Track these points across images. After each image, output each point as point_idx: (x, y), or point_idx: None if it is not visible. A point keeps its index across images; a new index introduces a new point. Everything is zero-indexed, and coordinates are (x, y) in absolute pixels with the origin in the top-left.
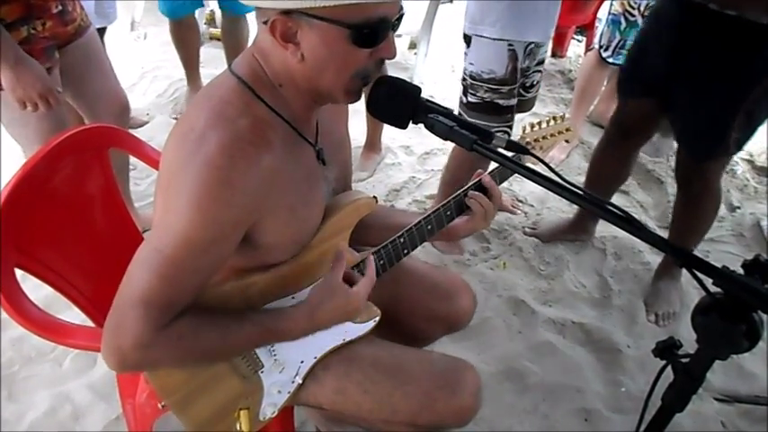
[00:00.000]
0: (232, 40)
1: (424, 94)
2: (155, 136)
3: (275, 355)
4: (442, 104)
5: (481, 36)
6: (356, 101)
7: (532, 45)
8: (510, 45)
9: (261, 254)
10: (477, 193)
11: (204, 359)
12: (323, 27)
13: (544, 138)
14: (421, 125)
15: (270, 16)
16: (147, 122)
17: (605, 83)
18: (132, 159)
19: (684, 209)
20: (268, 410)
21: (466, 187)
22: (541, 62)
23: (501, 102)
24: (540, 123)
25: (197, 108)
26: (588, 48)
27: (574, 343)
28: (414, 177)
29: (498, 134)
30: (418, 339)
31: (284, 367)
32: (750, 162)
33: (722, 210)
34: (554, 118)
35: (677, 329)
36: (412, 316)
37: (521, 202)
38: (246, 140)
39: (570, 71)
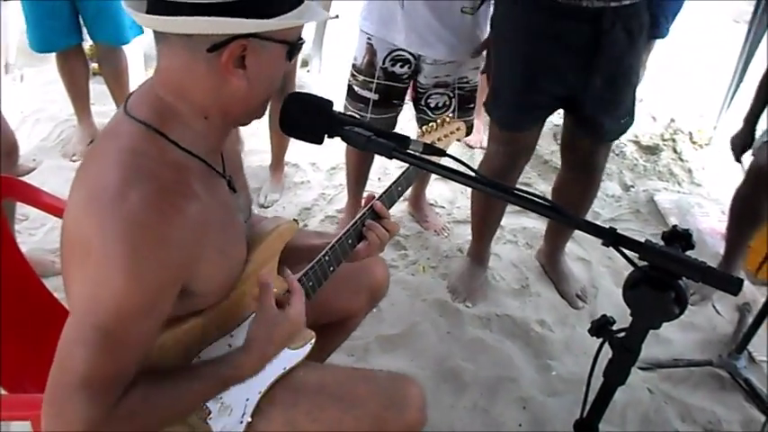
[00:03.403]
0: (111, 71)
1: None
2: (46, 181)
3: (221, 398)
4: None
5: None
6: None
7: (399, 52)
8: (369, 38)
9: (195, 300)
10: (373, 223)
11: (160, 427)
12: (272, 47)
13: (439, 139)
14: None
15: (216, 41)
16: (34, 168)
17: None
18: (23, 209)
19: (581, 191)
20: None
21: (361, 214)
22: (443, 85)
23: (356, 88)
24: (432, 126)
25: (104, 163)
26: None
27: (501, 335)
28: (323, 194)
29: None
30: (349, 317)
31: (231, 409)
32: (636, 143)
33: (617, 190)
34: (444, 119)
35: (593, 307)
36: (337, 300)
37: (432, 205)
38: (173, 192)
39: None
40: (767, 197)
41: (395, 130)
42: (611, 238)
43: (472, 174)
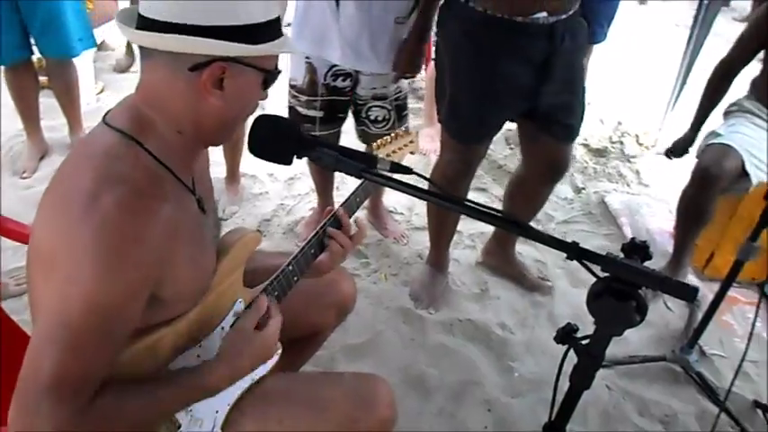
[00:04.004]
0: (61, 85)
1: None
2: None
3: (191, 411)
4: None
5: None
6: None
7: (339, 66)
8: (307, 58)
9: (165, 309)
10: (335, 231)
11: None
12: (249, 73)
13: (394, 152)
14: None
15: (198, 61)
16: None
17: None
18: None
19: (543, 190)
20: None
21: (323, 224)
22: (381, 97)
23: (300, 108)
24: (386, 139)
25: (77, 169)
26: (428, 60)
27: (464, 340)
28: (283, 204)
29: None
30: (317, 333)
31: (202, 421)
32: (586, 146)
33: (569, 192)
34: (397, 133)
35: (551, 308)
36: (307, 316)
37: (391, 212)
38: (146, 194)
39: (413, 81)
40: (712, 197)
41: (340, 143)
42: (575, 252)
43: (438, 191)
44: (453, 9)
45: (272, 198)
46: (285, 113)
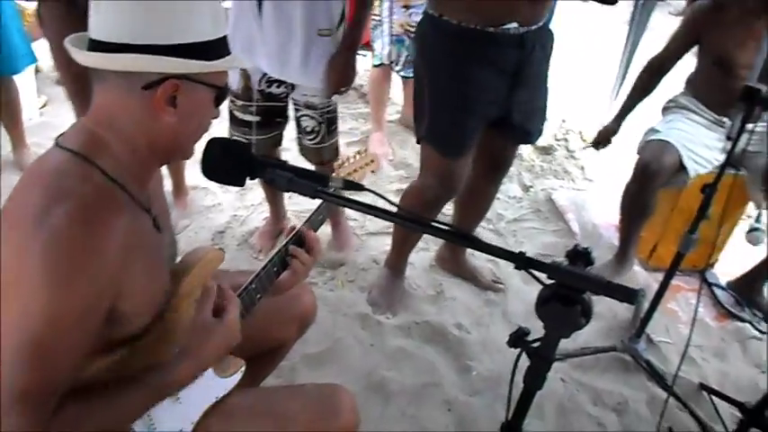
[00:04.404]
0: (3, 102)
1: None
2: None
3: (154, 429)
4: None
5: None
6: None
7: (266, 77)
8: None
9: (122, 326)
10: (297, 249)
11: None
12: (202, 90)
13: (355, 171)
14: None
15: (151, 79)
16: None
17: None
18: None
19: (493, 190)
20: None
21: (286, 242)
22: (311, 107)
23: (237, 113)
24: (347, 159)
25: (27, 187)
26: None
27: (422, 342)
28: (236, 216)
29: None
30: (279, 346)
31: None
32: (532, 144)
33: (518, 191)
34: (358, 152)
35: (505, 306)
36: (268, 331)
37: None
38: (98, 205)
39: (362, 86)
40: (653, 192)
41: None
42: (522, 261)
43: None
44: (429, 24)
45: (225, 209)
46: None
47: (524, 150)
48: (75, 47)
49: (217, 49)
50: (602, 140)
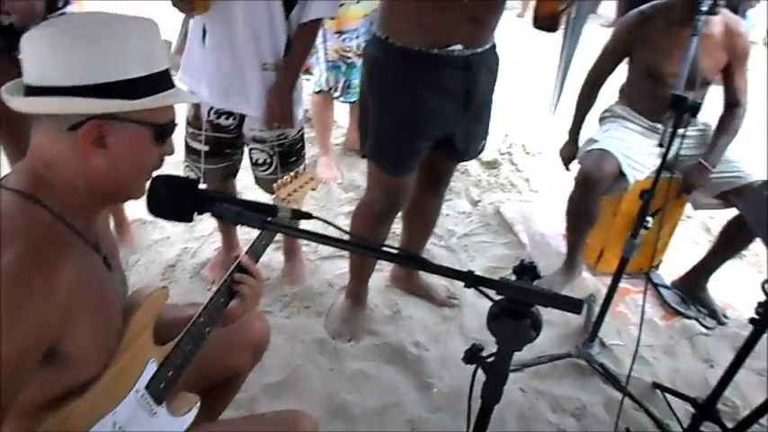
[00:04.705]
0: None
1: None
2: None
3: None
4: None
5: None
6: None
7: (214, 108)
8: (191, 92)
9: (72, 371)
10: (242, 276)
11: None
12: (133, 128)
13: (295, 191)
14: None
15: (74, 121)
16: None
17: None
18: None
19: (437, 204)
20: None
21: (230, 272)
22: (261, 141)
23: (188, 140)
24: (286, 179)
25: None
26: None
27: (381, 363)
28: (186, 248)
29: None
30: (234, 376)
31: None
32: (478, 159)
33: (467, 206)
34: (296, 173)
35: (460, 321)
36: (222, 360)
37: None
38: (47, 246)
39: (307, 110)
40: (595, 200)
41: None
42: (472, 280)
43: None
44: (376, 46)
45: (175, 242)
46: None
47: (471, 165)
48: (10, 94)
49: (149, 85)
50: (567, 161)
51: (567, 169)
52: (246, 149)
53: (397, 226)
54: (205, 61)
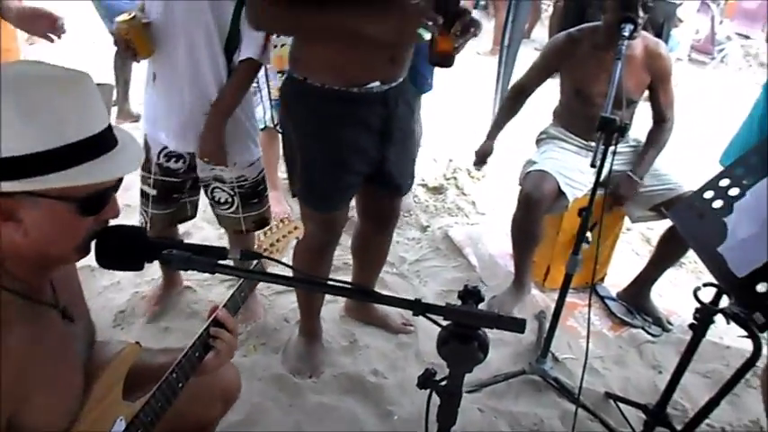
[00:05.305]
0: None
1: None
2: None
3: None
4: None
5: None
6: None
7: (170, 150)
8: (145, 134)
9: None
10: (219, 330)
11: None
12: (48, 203)
13: (278, 240)
14: None
15: None
16: None
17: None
18: None
19: (386, 240)
20: None
21: (206, 326)
22: (221, 180)
23: (141, 183)
24: (270, 228)
25: None
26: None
27: (341, 394)
28: (137, 292)
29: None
30: (204, 426)
31: None
32: (424, 186)
33: (416, 233)
34: (282, 221)
35: (417, 345)
36: (193, 412)
37: None
38: None
39: None
40: (537, 219)
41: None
42: (420, 307)
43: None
44: (294, 87)
45: (125, 287)
46: None
47: (418, 192)
48: None
49: (72, 155)
50: (480, 160)
51: (478, 168)
52: (208, 190)
53: (350, 257)
54: (156, 104)
